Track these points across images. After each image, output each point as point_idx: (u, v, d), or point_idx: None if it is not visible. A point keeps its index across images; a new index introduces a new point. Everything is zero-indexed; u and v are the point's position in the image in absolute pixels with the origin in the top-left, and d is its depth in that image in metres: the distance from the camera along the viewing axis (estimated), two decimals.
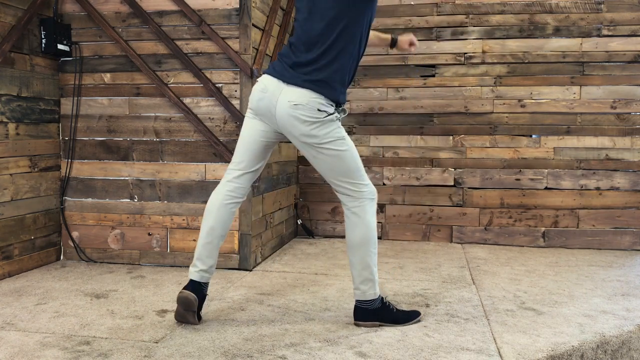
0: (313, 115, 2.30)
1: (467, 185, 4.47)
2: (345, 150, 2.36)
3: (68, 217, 3.70)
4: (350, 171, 2.38)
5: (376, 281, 2.47)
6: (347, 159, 2.37)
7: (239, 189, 2.51)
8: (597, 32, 4.29)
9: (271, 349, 2.22)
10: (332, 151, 2.34)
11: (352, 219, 2.43)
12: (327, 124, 2.32)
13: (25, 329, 2.44)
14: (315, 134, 2.31)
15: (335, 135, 2.35)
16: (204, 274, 2.49)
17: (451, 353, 2.19)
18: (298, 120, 2.30)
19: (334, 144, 2.34)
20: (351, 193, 2.41)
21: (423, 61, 4.49)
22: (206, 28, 3.44)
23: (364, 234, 2.42)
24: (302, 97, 2.29)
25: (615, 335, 2.45)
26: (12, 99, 3.30)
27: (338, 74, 2.33)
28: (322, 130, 2.32)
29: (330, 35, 2.30)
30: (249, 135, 2.46)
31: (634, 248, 4.29)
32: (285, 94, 2.32)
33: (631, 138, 4.28)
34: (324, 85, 2.31)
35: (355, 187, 2.40)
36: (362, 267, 2.44)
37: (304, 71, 2.32)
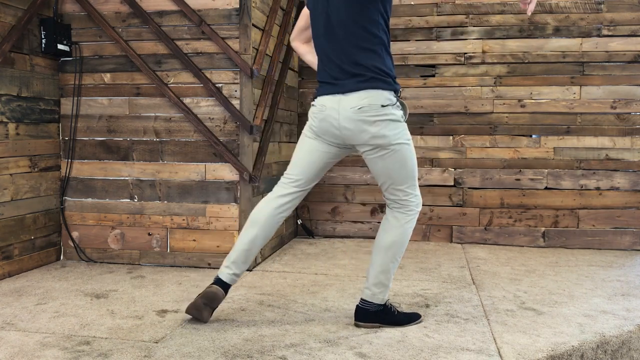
0: (378, 113, 2.30)
1: (467, 185, 4.47)
2: (410, 152, 2.38)
3: (68, 217, 3.70)
4: (408, 177, 2.40)
5: (389, 288, 2.49)
6: (409, 162, 2.38)
7: (290, 203, 2.51)
8: (597, 32, 4.29)
9: (271, 349, 2.22)
10: (399, 152, 2.35)
11: (391, 222, 2.45)
12: (395, 123, 2.32)
13: (25, 329, 2.44)
14: (385, 133, 2.31)
15: (405, 136, 2.36)
16: (235, 277, 2.52)
17: (451, 353, 2.19)
18: (366, 123, 2.30)
19: (403, 146, 2.35)
20: (402, 202, 2.43)
21: (423, 61, 4.49)
22: (206, 28, 3.44)
23: (396, 240, 2.44)
24: (363, 99, 2.30)
25: (615, 335, 2.45)
26: (12, 99, 3.30)
27: (381, 64, 2.33)
28: (392, 130, 2.32)
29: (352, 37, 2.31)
30: (310, 154, 2.47)
31: (634, 248, 4.29)
32: (345, 103, 2.32)
33: (631, 138, 4.28)
34: (375, 78, 2.31)
35: (407, 197, 2.43)
36: (382, 270, 2.45)
37: (349, 76, 2.33)
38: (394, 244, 2.44)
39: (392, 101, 2.32)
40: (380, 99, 2.30)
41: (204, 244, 3.55)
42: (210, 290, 2.47)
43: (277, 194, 2.51)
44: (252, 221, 2.50)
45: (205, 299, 2.46)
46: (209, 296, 2.46)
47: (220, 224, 3.53)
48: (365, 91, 2.30)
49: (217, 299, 2.47)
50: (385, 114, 2.30)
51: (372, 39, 2.32)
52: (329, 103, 2.36)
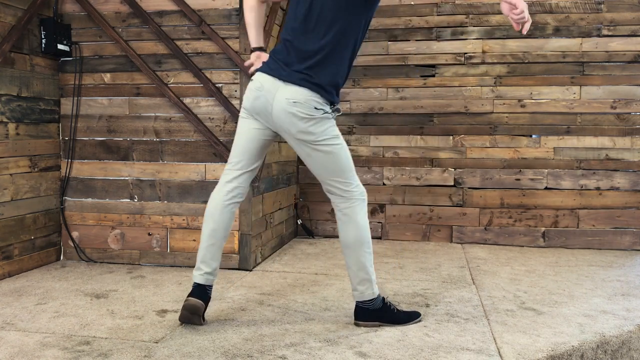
0: (310, 112, 2.31)
1: (467, 185, 4.47)
2: (340, 148, 2.38)
3: (68, 217, 3.70)
4: (342, 170, 2.39)
5: (373, 281, 2.47)
6: (340, 158, 2.38)
7: (238, 188, 2.50)
8: (597, 32, 4.29)
9: (271, 349, 2.22)
10: (328, 148, 2.35)
11: (344, 220, 2.44)
12: (323, 121, 2.34)
13: (25, 329, 2.44)
14: (312, 130, 2.32)
15: (331, 133, 2.36)
16: (209, 276, 2.50)
17: (451, 353, 2.19)
18: (296, 117, 2.31)
19: (329, 141, 2.35)
20: (342, 193, 2.42)
21: (423, 61, 4.49)
22: (206, 28, 3.44)
23: (356, 235, 2.42)
24: (300, 95, 2.30)
25: (615, 335, 2.45)
26: (12, 99, 3.30)
27: (333, 77, 2.35)
28: (319, 128, 2.33)
29: (326, 38, 2.31)
30: (245, 134, 2.46)
31: (634, 248, 4.29)
32: (282, 92, 2.32)
33: (631, 138, 4.28)
34: (319, 87, 2.32)
35: (346, 187, 2.41)
36: (358, 268, 2.44)
37: (299, 69, 2.32)
38: (356, 239, 2.42)
39: (325, 110, 2.34)
40: (315, 102, 2.31)
41: None
42: (188, 303, 2.45)
43: (223, 181, 2.51)
44: (207, 215, 2.50)
45: (187, 310, 2.46)
46: (189, 308, 2.45)
47: None
48: (304, 89, 2.30)
49: (198, 307, 2.45)
50: (314, 115, 2.31)
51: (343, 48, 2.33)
52: (267, 85, 2.35)
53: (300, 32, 2.35)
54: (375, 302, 2.47)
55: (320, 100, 2.32)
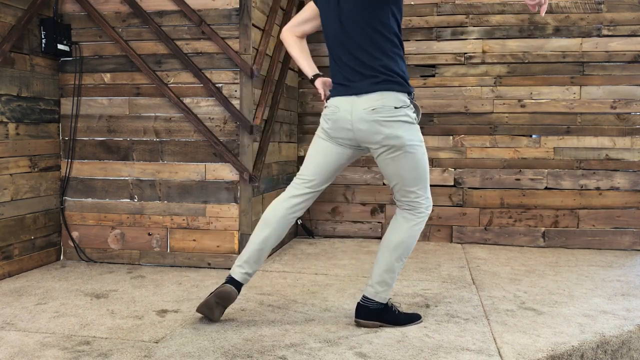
0: (392, 114, 2.31)
1: (467, 185, 4.47)
2: (422, 154, 2.39)
3: (68, 217, 3.70)
4: (419, 179, 2.40)
5: (392, 288, 2.49)
6: (421, 164, 2.39)
7: (303, 203, 2.53)
8: (597, 32, 4.29)
9: (271, 349, 2.22)
10: (411, 154, 2.35)
11: (400, 222, 2.46)
12: (409, 125, 2.34)
13: (25, 329, 2.44)
14: (399, 134, 2.32)
15: (418, 138, 2.37)
16: (247, 276, 2.52)
17: (451, 353, 2.19)
18: (379, 124, 2.32)
19: (415, 148, 2.35)
20: (412, 204, 2.44)
21: (423, 61, 4.49)
22: (206, 28, 3.44)
23: (403, 241, 2.44)
24: (376, 100, 2.31)
25: (615, 335, 2.45)
26: (12, 99, 3.31)
27: (395, 67, 2.34)
28: (405, 132, 2.33)
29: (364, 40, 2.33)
30: (324, 156, 2.48)
31: (634, 248, 4.29)
32: (358, 105, 2.33)
33: (631, 138, 4.28)
34: (388, 82, 2.32)
35: (418, 199, 2.43)
36: (386, 269, 2.45)
37: (363, 76, 2.34)
38: (401, 244, 2.44)
39: (406, 103, 2.33)
40: (393, 101, 2.31)
41: (204, 244, 3.55)
42: (224, 289, 2.47)
43: (290, 195, 2.52)
44: (265, 221, 2.51)
45: (218, 298, 2.47)
46: (223, 295, 2.47)
47: (220, 224, 3.53)
48: (378, 93, 2.31)
49: (230, 298, 2.48)
50: (398, 115, 2.32)
51: (384, 42, 2.33)
52: (343, 105, 2.37)
53: (341, 45, 2.38)
54: (380, 305, 2.48)
55: (395, 96, 2.32)
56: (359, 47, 2.34)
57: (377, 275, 2.46)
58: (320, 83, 2.55)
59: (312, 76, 2.57)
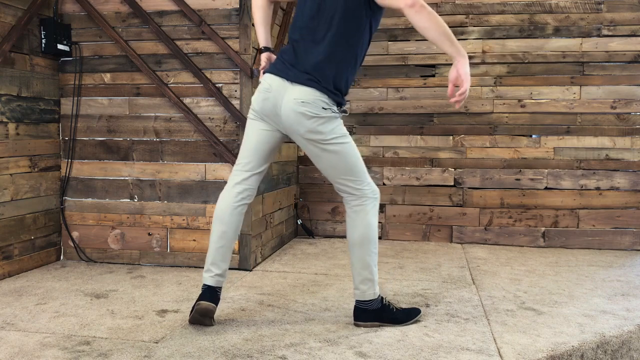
0: (318, 112, 2.32)
1: (467, 185, 4.47)
2: (349, 147, 2.39)
3: (68, 217, 3.70)
4: (352, 169, 2.40)
5: (376, 281, 2.48)
6: (350, 157, 2.39)
7: (247, 190, 2.50)
8: (597, 32, 4.29)
9: (271, 349, 2.22)
10: (337, 147, 2.36)
11: (353, 217, 2.45)
12: (332, 120, 2.35)
13: (25, 329, 2.44)
14: (321, 130, 2.33)
15: (339, 132, 2.37)
16: (219, 278, 2.50)
17: (451, 353, 2.19)
18: (304, 117, 2.32)
19: (338, 139, 2.36)
20: (353, 192, 2.43)
21: (423, 61, 4.49)
22: (206, 28, 3.44)
23: (363, 233, 2.43)
24: (308, 95, 2.31)
25: (615, 335, 2.45)
26: (12, 99, 3.31)
27: (338, 80, 2.36)
28: (327, 127, 2.34)
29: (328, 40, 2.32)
30: (254, 135, 2.46)
31: (634, 248, 4.29)
32: (290, 92, 2.33)
33: (631, 138, 4.28)
34: (325, 88, 2.33)
35: (358, 186, 2.42)
36: (362, 267, 2.45)
37: (307, 70, 2.33)
38: (363, 238, 2.43)
39: (332, 109, 2.35)
40: (323, 102, 2.32)
41: (204, 244, 3.55)
42: (200, 307, 2.45)
43: (232, 183, 2.50)
44: (217, 218, 2.49)
45: (199, 314, 2.46)
46: (201, 312, 2.45)
47: None
48: (312, 89, 2.31)
49: (210, 310, 2.46)
50: (323, 115, 2.33)
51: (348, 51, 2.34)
52: (276, 85, 2.36)
53: (307, 32, 2.36)
54: (374, 302, 2.47)
55: (327, 100, 2.34)
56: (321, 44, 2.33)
57: (356, 276, 2.47)
58: (265, 57, 2.55)
59: (262, 47, 2.57)
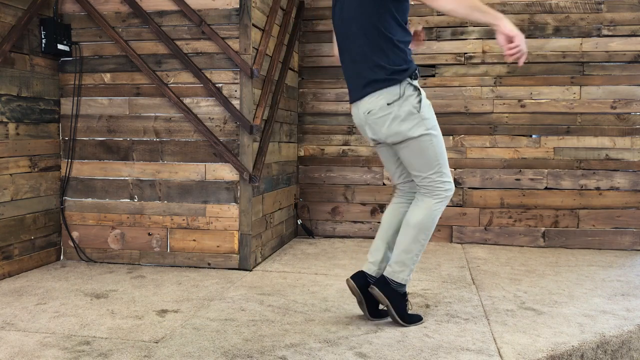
0: (385, 112, 2.37)
1: (467, 185, 4.47)
2: (431, 144, 2.42)
3: (68, 217, 3.70)
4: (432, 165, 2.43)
5: (411, 270, 2.50)
6: (429, 153, 2.42)
7: (404, 195, 2.64)
8: (597, 32, 4.29)
9: (271, 349, 2.22)
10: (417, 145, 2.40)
11: (419, 204, 2.49)
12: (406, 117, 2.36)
13: (25, 329, 2.44)
14: (397, 130, 2.38)
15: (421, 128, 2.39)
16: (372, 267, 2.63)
17: (451, 353, 2.19)
18: (378, 125, 2.41)
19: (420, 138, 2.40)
20: (429, 188, 2.46)
21: (423, 61, 4.49)
22: (206, 28, 3.44)
23: (421, 219, 2.45)
24: (369, 103, 2.40)
25: (615, 335, 2.45)
26: (12, 99, 3.31)
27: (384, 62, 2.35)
28: (403, 126, 2.37)
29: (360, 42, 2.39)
30: (382, 157, 2.65)
31: (634, 248, 4.29)
32: (360, 110, 2.46)
33: (631, 138, 4.28)
34: (376, 82, 2.36)
35: (434, 183, 2.45)
36: (404, 249, 2.47)
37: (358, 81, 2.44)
38: (419, 223, 2.45)
39: (397, 96, 2.35)
40: (384, 99, 2.36)
41: (204, 244, 3.55)
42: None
43: (394, 202, 2.67)
44: (383, 224, 2.65)
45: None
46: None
47: (220, 224, 3.53)
48: (369, 95, 2.39)
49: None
50: (391, 112, 2.36)
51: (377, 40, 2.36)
52: (354, 110, 2.53)
53: (343, 53, 2.50)
54: (399, 286, 2.48)
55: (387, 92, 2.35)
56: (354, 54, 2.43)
57: (395, 254, 2.50)
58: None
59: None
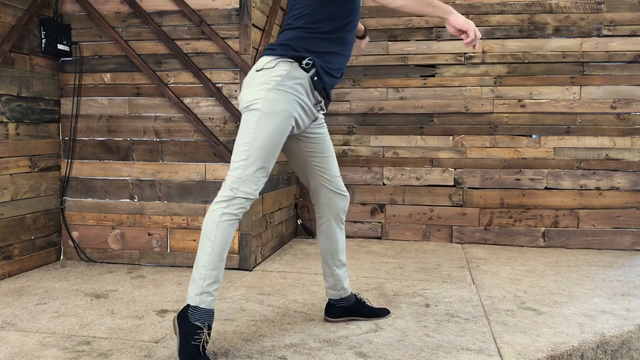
0: (249, 77, 2.21)
1: (467, 185, 4.47)
2: (256, 124, 2.11)
3: (68, 217, 3.70)
4: (237, 149, 2.14)
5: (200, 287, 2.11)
6: (244, 133, 2.13)
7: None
8: (597, 32, 4.29)
9: (271, 349, 2.22)
10: (246, 117, 2.15)
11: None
12: (257, 87, 2.14)
13: (25, 329, 2.44)
14: (241, 96, 2.19)
15: (259, 104, 2.12)
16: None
17: (451, 353, 2.19)
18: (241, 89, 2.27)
19: (252, 111, 2.14)
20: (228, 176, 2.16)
21: (423, 61, 4.49)
22: (206, 28, 3.44)
23: (205, 222, 2.12)
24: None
25: (615, 335, 2.45)
26: (12, 99, 3.31)
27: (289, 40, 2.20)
28: (249, 95, 2.15)
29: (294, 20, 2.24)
30: None
31: (634, 248, 4.29)
32: None
33: (631, 138, 4.28)
34: (266, 50, 2.25)
35: (232, 174, 2.14)
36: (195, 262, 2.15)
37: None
38: (203, 227, 2.12)
39: (271, 65, 2.13)
40: (258, 64, 2.16)
41: None
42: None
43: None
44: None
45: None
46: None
47: None
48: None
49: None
50: (253, 78, 2.15)
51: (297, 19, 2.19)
52: None
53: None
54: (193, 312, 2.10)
55: (265, 59, 2.16)
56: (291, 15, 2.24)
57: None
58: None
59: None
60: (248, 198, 2.12)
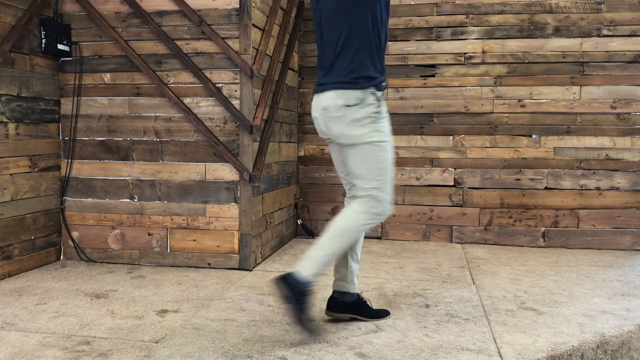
0: (339, 113, 2.31)
1: (467, 185, 4.47)
2: (375, 155, 2.32)
3: (68, 217, 3.70)
4: (371, 174, 2.34)
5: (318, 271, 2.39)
6: (373, 163, 2.33)
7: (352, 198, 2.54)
8: (597, 32, 4.29)
9: (271, 349, 2.22)
10: (363, 151, 2.33)
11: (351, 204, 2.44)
12: (359, 123, 2.30)
13: (25, 329, 2.44)
14: (348, 133, 2.32)
15: (374, 137, 2.32)
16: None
17: (451, 353, 2.19)
18: (331, 121, 2.34)
19: (368, 145, 2.32)
20: (363, 195, 2.36)
21: (423, 61, 4.49)
22: (206, 28, 3.44)
23: (344, 222, 2.38)
24: (330, 99, 2.33)
25: (615, 335, 2.45)
26: (12, 99, 3.31)
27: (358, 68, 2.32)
28: (354, 131, 2.31)
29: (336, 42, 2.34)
30: (333, 154, 2.56)
31: (634, 248, 4.29)
32: (319, 102, 2.38)
33: (631, 138, 4.28)
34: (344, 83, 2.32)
35: (371, 192, 2.34)
36: (320, 246, 2.45)
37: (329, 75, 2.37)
38: (340, 225, 2.38)
39: (357, 100, 2.29)
40: (343, 100, 2.30)
41: (204, 244, 3.55)
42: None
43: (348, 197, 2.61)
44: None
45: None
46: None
47: (220, 224, 3.53)
48: (333, 91, 2.32)
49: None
50: (346, 114, 2.31)
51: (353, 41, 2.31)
52: (315, 101, 2.43)
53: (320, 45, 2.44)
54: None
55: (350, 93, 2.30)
56: (329, 48, 2.37)
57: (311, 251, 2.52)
58: None
59: None
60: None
